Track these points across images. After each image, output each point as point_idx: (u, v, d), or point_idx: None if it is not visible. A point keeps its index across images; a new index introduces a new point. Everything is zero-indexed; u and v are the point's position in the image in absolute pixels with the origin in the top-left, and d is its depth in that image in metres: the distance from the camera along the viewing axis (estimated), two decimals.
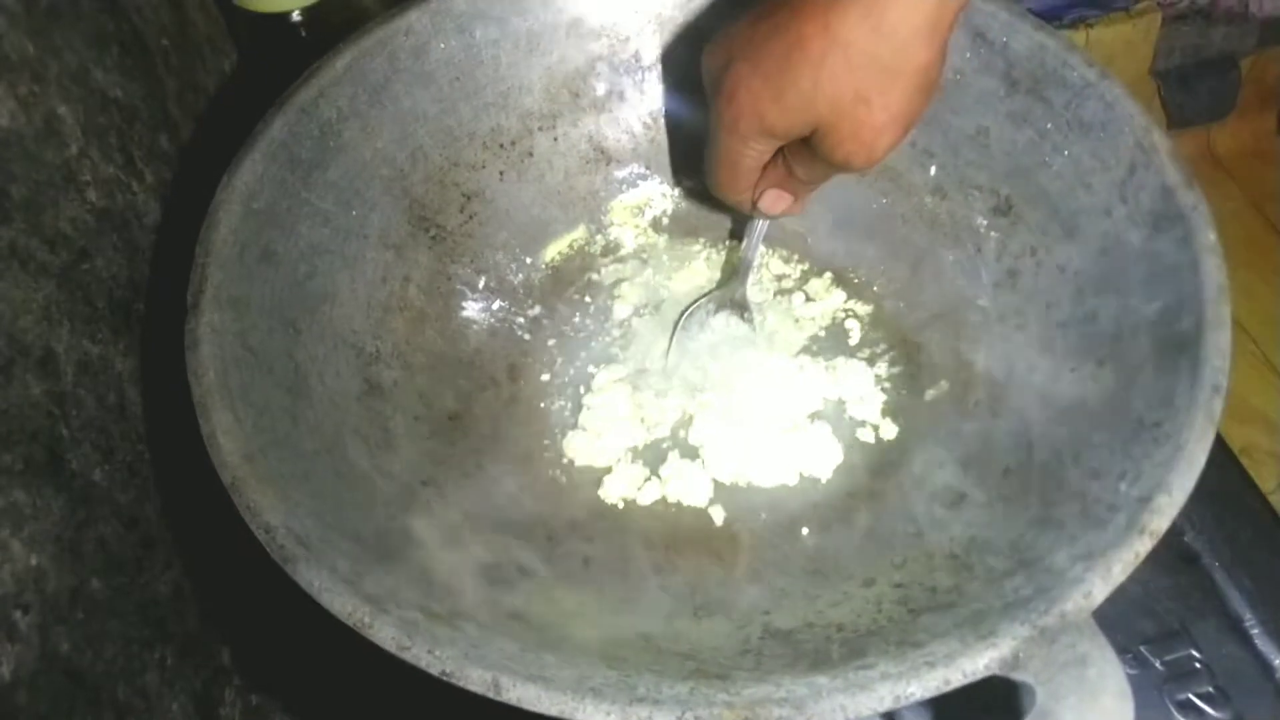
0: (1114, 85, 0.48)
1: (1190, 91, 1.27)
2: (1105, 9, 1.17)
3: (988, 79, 0.52)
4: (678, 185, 0.62)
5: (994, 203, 0.53)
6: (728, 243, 0.62)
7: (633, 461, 0.53)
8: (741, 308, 0.58)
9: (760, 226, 0.55)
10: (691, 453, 0.53)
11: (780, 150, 0.48)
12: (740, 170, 0.48)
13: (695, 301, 0.58)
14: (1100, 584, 0.36)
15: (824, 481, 0.52)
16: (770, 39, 0.42)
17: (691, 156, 0.61)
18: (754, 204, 0.51)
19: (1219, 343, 0.41)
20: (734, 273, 0.58)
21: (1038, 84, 0.51)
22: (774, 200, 0.50)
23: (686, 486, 0.52)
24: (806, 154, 0.46)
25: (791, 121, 0.44)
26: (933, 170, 0.56)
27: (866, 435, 0.54)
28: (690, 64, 0.59)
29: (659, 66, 0.60)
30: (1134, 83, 1.23)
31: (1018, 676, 0.34)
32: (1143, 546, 0.37)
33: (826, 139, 0.44)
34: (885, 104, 0.41)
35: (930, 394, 0.53)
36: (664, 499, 0.52)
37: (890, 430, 0.53)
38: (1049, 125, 0.51)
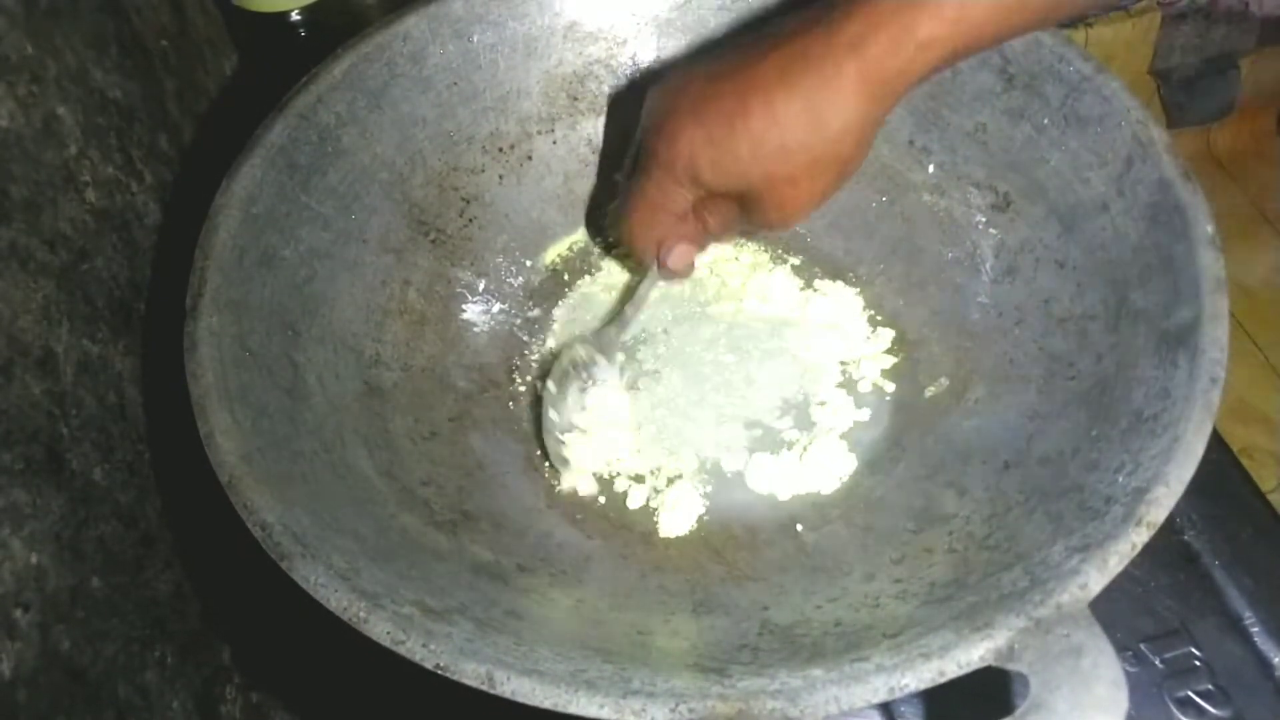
0: (1110, 79, 0.48)
1: (1190, 91, 1.27)
2: (1105, 8, 1.17)
3: (984, 75, 0.52)
4: None
5: (992, 199, 0.53)
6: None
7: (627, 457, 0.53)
8: (607, 352, 0.54)
9: (652, 281, 0.53)
10: (692, 453, 0.53)
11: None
12: (660, 213, 0.49)
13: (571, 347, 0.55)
14: (1096, 575, 0.36)
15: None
16: (719, 100, 0.45)
17: None
18: (658, 256, 0.51)
19: (1216, 335, 0.41)
20: (614, 318, 0.56)
21: (1034, 79, 0.51)
22: (681, 254, 0.51)
23: (686, 487, 0.52)
24: (725, 207, 0.48)
25: (722, 181, 0.46)
26: (931, 168, 0.56)
27: (869, 406, 0.54)
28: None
29: (657, 69, 0.60)
30: (1133, 82, 1.23)
31: (1012, 667, 0.34)
32: (1139, 538, 0.36)
33: (751, 204, 0.47)
34: (811, 187, 0.46)
35: (930, 391, 0.53)
36: (661, 502, 0.52)
37: (891, 409, 0.54)
38: (1046, 120, 0.51)
